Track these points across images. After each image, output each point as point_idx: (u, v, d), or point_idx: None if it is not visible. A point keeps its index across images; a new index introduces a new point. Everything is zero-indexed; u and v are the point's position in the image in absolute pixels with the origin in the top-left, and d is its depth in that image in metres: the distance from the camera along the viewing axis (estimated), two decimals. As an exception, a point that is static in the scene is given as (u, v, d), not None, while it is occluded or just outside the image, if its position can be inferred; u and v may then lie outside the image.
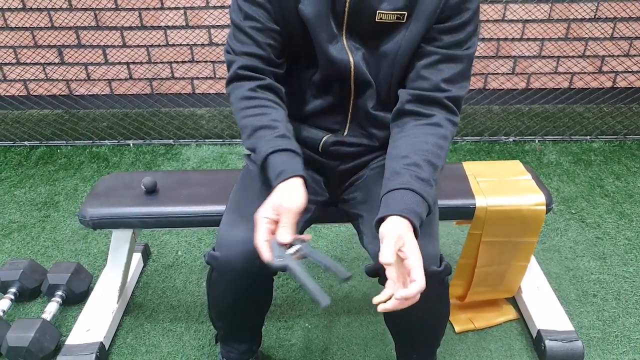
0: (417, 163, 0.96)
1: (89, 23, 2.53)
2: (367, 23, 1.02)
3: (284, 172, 0.97)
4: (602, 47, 2.57)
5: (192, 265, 1.77)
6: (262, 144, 1.00)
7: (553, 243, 1.84)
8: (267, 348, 1.46)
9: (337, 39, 1.04)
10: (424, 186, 0.94)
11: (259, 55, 1.04)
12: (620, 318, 1.53)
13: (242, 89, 1.05)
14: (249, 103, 1.04)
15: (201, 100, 2.72)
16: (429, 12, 0.99)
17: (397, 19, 1.01)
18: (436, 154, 0.99)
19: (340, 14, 1.02)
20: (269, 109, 1.04)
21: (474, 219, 1.33)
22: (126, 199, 1.35)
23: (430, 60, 1.02)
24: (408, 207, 0.91)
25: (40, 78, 2.68)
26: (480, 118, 2.64)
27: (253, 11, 1.03)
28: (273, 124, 1.02)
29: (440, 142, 1.00)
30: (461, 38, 1.01)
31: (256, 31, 1.03)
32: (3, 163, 2.40)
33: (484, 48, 2.57)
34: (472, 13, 1.00)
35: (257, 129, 1.02)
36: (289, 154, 0.99)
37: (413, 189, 0.93)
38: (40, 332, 1.39)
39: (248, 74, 1.05)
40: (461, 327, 1.50)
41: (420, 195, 0.93)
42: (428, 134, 1.00)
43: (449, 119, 1.03)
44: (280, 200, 0.94)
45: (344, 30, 1.04)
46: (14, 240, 1.91)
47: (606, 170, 2.25)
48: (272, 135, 1.00)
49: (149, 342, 1.49)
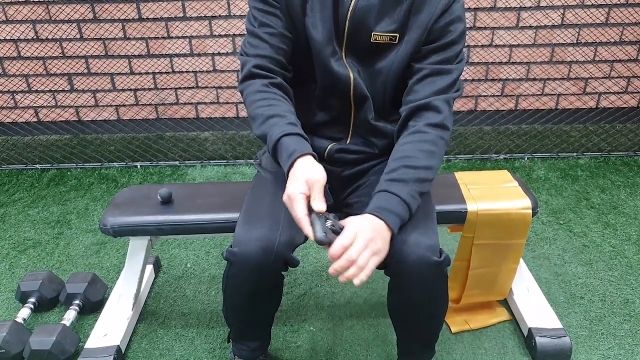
0: (393, 169, 1.09)
1: (99, 52, 2.67)
2: (364, 43, 1.15)
3: (296, 150, 1.05)
4: (584, 69, 2.73)
5: (201, 276, 1.86)
6: (274, 129, 1.08)
7: (542, 251, 1.94)
8: (275, 350, 1.55)
9: (338, 55, 1.17)
10: (397, 185, 1.07)
11: (271, 57, 1.15)
12: (605, 317, 1.63)
13: (255, 85, 1.14)
14: (262, 96, 1.12)
15: (205, 123, 2.85)
16: (417, 34, 1.12)
17: (389, 40, 1.14)
18: (415, 157, 1.09)
19: (341, 33, 1.15)
20: (279, 102, 1.13)
21: (466, 223, 1.43)
22: (144, 208, 1.46)
23: (420, 75, 1.14)
24: (379, 205, 1.05)
25: (51, 105, 2.80)
26: (471, 137, 2.77)
27: (267, 19, 1.15)
28: (283, 114, 1.10)
29: (421, 146, 1.10)
30: (449, 56, 1.13)
31: (270, 35, 1.14)
32: (16, 185, 2.50)
33: (473, 71, 2.73)
34: (457, 35, 1.13)
35: (268, 117, 1.10)
36: (299, 138, 1.08)
37: (384, 190, 1.07)
38: (61, 335, 1.48)
39: (261, 72, 1.14)
40: (457, 328, 1.59)
41: (392, 193, 1.06)
42: (407, 142, 1.12)
43: (430, 124, 1.12)
44: (308, 174, 1.02)
45: (344, 48, 1.17)
46: (29, 256, 2.00)
47: (592, 184, 2.38)
48: (284, 122, 1.09)
49: (162, 346, 1.57)
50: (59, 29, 2.61)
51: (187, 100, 2.78)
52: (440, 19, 1.11)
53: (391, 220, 1.04)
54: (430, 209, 1.18)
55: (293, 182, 1.02)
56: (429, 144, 1.11)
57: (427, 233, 1.10)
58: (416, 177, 1.08)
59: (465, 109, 2.82)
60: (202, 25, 2.60)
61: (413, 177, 1.08)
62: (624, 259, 1.89)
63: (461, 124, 2.84)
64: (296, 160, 1.04)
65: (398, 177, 1.08)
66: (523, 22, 2.61)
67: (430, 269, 1.07)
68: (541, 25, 2.61)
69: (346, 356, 1.53)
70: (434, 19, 1.10)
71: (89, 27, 2.61)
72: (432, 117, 1.12)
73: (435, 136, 1.12)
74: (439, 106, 1.12)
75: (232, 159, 2.65)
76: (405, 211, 1.06)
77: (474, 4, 2.56)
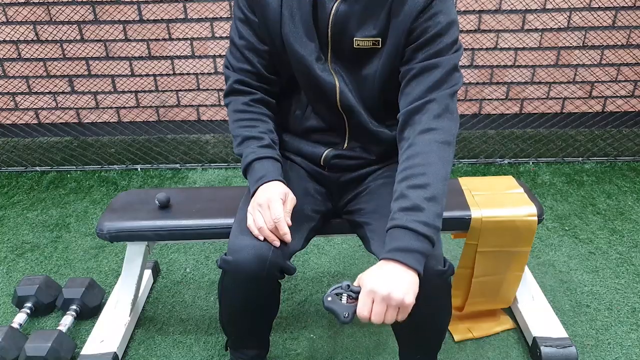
0: (402, 194, 1.01)
1: (99, 54, 2.65)
2: (347, 49, 1.12)
3: (265, 176, 1.12)
4: (591, 73, 2.70)
5: (200, 282, 1.84)
6: (247, 151, 1.16)
7: (548, 258, 1.91)
8: (274, 357, 1.52)
9: (322, 61, 1.14)
10: (410, 215, 0.98)
11: (251, 72, 1.19)
12: (612, 327, 1.60)
13: (237, 102, 1.20)
14: (242, 116, 1.19)
15: (207, 126, 2.83)
16: (398, 37, 1.08)
17: (373, 45, 1.11)
18: (418, 174, 1.01)
19: (325, 40, 1.13)
20: (257, 122, 1.19)
21: (470, 230, 1.40)
22: (141, 213, 1.43)
23: (409, 77, 1.08)
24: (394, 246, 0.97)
25: (52, 106, 2.79)
26: (475, 141, 2.74)
27: (245, 31, 1.16)
28: (260, 135, 1.17)
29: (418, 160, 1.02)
30: (435, 50, 1.06)
31: (248, 50, 1.17)
32: (15, 187, 2.48)
33: (478, 74, 2.70)
34: (441, 27, 1.05)
35: (245, 138, 1.18)
36: (269, 161, 1.15)
37: (398, 225, 0.98)
38: (56, 342, 1.45)
39: (242, 88, 1.20)
40: (460, 336, 1.55)
41: (407, 228, 0.97)
42: (404, 159, 1.05)
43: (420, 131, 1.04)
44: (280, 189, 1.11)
45: (329, 54, 1.14)
46: (27, 260, 1.97)
47: (598, 190, 2.34)
48: (257, 145, 1.16)
49: (160, 352, 1.55)
50: (59, 30, 2.59)
51: (188, 103, 2.77)
52: (419, 18, 1.05)
53: (410, 260, 0.96)
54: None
55: (264, 192, 1.10)
56: (431, 154, 1.03)
57: None
58: (427, 196, 0.99)
59: (469, 113, 2.79)
60: (204, 27, 2.58)
61: (424, 198, 0.99)
62: (631, 266, 1.85)
63: (465, 128, 2.81)
64: (263, 184, 1.12)
65: (409, 205, 0.99)
66: (528, 24, 2.58)
67: (433, 279, 1.04)
68: (547, 28, 2.58)
69: (347, 365, 1.50)
70: (412, 19, 1.06)
71: (89, 28, 2.59)
72: (422, 122, 1.05)
73: (433, 143, 1.04)
74: (428, 107, 1.05)
75: (233, 162, 2.63)
76: (425, 244, 0.98)
77: (478, 6, 2.53)
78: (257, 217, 1.10)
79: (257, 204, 1.11)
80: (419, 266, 0.97)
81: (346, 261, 1.92)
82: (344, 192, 1.30)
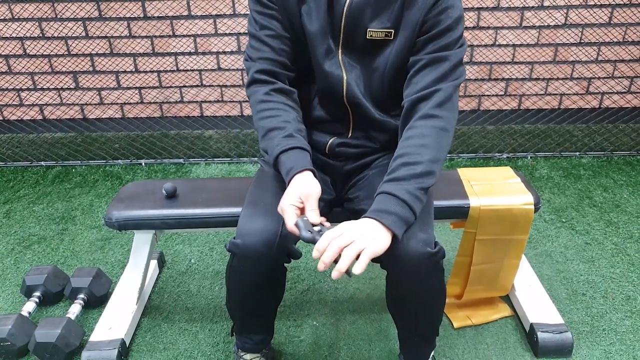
0: (393, 169, 1.08)
1: (104, 50, 2.69)
2: (360, 40, 1.16)
3: (293, 168, 1.11)
4: (588, 69, 2.74)
5: (205, 272, 1.88)
6: (272, 145, 1.14)
7: (545, 248, 1.95)
8: (278, 344, 1.56)
9: (333, 54, 1.18)
10: (395, 185, 1.05)
11: (274, 59, 1.18)
12: (607, 314, 1.64)
13: (258, 93, 1.19)
14: (264, 106, 1.18)
15: (210, 121, 2.86)
16: (411, 29, 1.12)
17: (385, 36, 1.15)
18: (411, 154, 1.07)
19: (337, 31, 1.16)
20: (280, 112, 1.17)
21: (469, 219, 1.44)
22: (149, 202, 1.47)
23: (418, 67, 1.13)
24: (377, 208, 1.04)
25: (56, 102, 2.82)
26: (474, 137, 2.78)
27: (267, 22, 1.17)
28: (282, 125, 1.15)
29: (414, 141, 1.08)
30: (445, 43, 1.11)
31: (271, 38, 1.17)
32: (21, 182, 2.52)
33: (477, 71, 2.73)
34: (452, 21, 1.11)
35: (268, 130, 1.16)
36: (296, 151, 1.13)
37: (383, 191, 1.06)
38: (66, 329, 1.49)
39: (264, 77, 1.18)
40: (459, 323, 1.59)
41: (390, 194, 1.05)
42: (405, 138, 1.11)
43: (420, 116, 1.10)
44: (301, 189, 1.08)
45: (340, 45, 1.18)
46: (34, 251, 2.01)
47: (594, 183, 2.38)
48: (281, 135, 1.14)
49: (166, 340, 1.59)
50: (64, 27, 2.63)
51: (191, 99, 2.80)
52: (432, 10, 1.10)
53: (388, 220, 1.02)
54: (427, 203, 1.18)
55: (286, 195, 1.09)
56: (428, 137, 1.09)
57: (421, 226, 1.10)
58: (415, 173, 1.06)
59: (468, 108, 2.82)
60: (207, 24, 2.62)
61: (412, 174, 1.06)
62: (626, 256, 1.89)
63: (464, 123, 2.85)
64: (293, 177, 1.10)
65: (396, 176, 1.07)
66: (526, 21, 2.62)
67: (424, 261, 1.08)
68: (545, 25, 2.62)
69: (349, 351, 1.54)
70: (425, 11, 1.10)
71: (94, 25, 2.63)
72: (424, 109, 1.10)
73: (431, 128, 1.09)
74: (432, 96, 1.10)
75: (236, 157, 2.66)
76: (405, 210, 1.04)
77: (477, 4, 2.57)
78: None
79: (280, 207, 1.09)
80: (395, 228, 1.03)
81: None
82: (347, 180, 1.34)
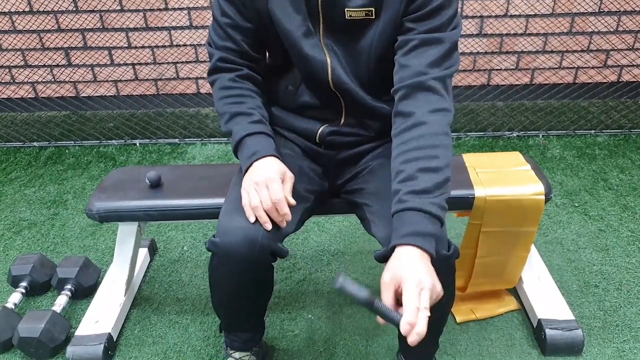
0: (411, 175, 0.95)
1: (95, 25, 2.57)
2: (339, 21, 1.04)
3: (258, 151, 1.06)
4: (606, 40, 2.57)
5: (198, 260, 1.80)
6: (237, 128, 1.09)
7: (555, 236, 1.85)
8: (271, 339, 1.49)
9: (312, 35, 1.07)
10: (423, 198, 0.93)
11: (234, 50, 1.12)
12: (621, 308, 1.54)
13: (222, 79, 1.13)
14: (228, 92, 1.12)
15: (206, 99, 2.76)
16: (395, 7, 1.00)
17: (366, 15, 1.02)
18: (429, 157, 0.96)
19: (315, 12, 1.05)
20: (246, 98, 1.12)
21: (473, 209, 1.34)
22: (132, 192, 1.39)
23: (408, 48, 1.01)
24: (410, 230, 0.91)
25: (48, 80, 2.72)
26: (483, 114, 2.64)
27: (228, 8, 1.08)
28: (249, 111, 1.11)
29: (430, 140, 0.97)
30: (438, 24, 0.99)
31: (230, 28, 1.10)
32: (13, 163, 2.44)
33: (487, 44, 2.58)
34: None
35: (234, 115, 1.11)
36: (263, 137, 1.08)
37: (411, 207, 0.93)
38: (50, 323, 1.43)
39: (226, 65, 1.13)
40: (462, 318, 1.51)
41: (421, 211, 0.92)
42: (414, 138, 0.98)
43: (435, 109, 0.99)
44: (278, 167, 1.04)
45: (321, 28, 1.06)
46: (24, 237, 1.95)
47: (610, 164, 2.25)
48: (247, 121, 1.09)
49: (155, 333, 1.52)
50: (52, 1, 2.51)
51: (186, 75, 2.69)
52: None
53: (426, 244, 0.91)
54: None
55: (261, 169, 1.04)
56: (433, 136, 0.97)
57: None
58: (439, 182, 0.95)
59: (477, 84, 2.68)
60: (201, -4, 2.49)
61: (435, 184, 0.94)
62: (643, 244, 1.79)
63: (473, 100, 2.71)
64: (257, 160, 1.06)
65: (420, 188, 0.93)
66: (541, -10, 2.45)
67: (438, 262, 0.98)
68: (560, -7, 2.45)
69: (345, 346, 1.46)
70: None
71: (83, -2, 2.50)
72: (433, 101, 0.99)
73: (438, 123, 0.98)
74: (435, 86, 0.99)
75: (234, 137, 2.56)
76: (437, 227, 0.94)
77: (488, -29, 2.40)
78: (252, 195, 1.03)
79: (254, 182, 1.04)
80: (433, 250, 0.93)
81: (347, 239, 1.87)
82: (340, 170, 1.24)
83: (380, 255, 1.03)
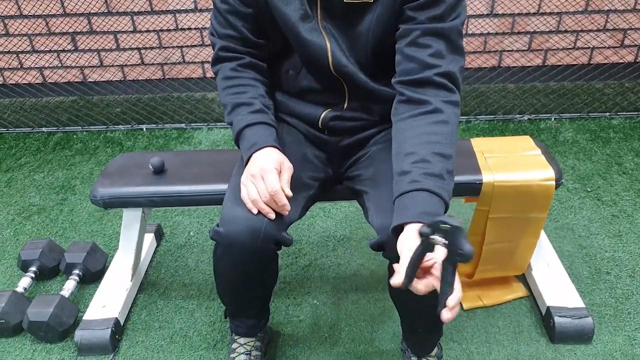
0: (425, 158, 0.93)
1: (100, 9, 2.55)
2: (338, 4, 1.02)
3: (256, 143, 1.05)
4: (623, 19, 2.49)
5: (204, 245, 1.80)
6: (237, 119, 1.09)
7: (567, 221, 1.81)
8: (276, 324, 1.49)
9: (310, 19, 1.04)
10: (437, 182, 0.92)
11: (236, 37, 1.11)
12: (634, 295, 1.51)
13: (224, 69, 1.13)
14: (230, 82, 1.12)
15: (211, 83, 2.74)
16: None
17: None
18: (444, 143, 0.95)
19: None
20: (247, 87, 1.12)
21: (481, 195, 1.31)
22: (136, 178, 1.38)
23: (412, 38, 0.98)
24: (424, 210, 0.89)
25: (55, 65, 2.72)
26: (494, 96, 2.59)
27: None
28: (249, 101, 1.10)
29: (445, 128, 0.96)
30: (440, 12, 0.96)
31: (230, 14, 1.08)
32: (23, 149, 2.45)
33: (498, 24, 2.52)
34: None
35: (235, 106, 1.10)
36: (262, 127, 1.07)
37: (427, 189, 0.91)
38: (59, 307, 1.44)
39: (228, 55, 1.13)
40: (469, 304, 1.49)
41: (436, 194, 0.91)
42: (429, 123, 0.97)
43: (446, 101, 0.98)
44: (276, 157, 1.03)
45: (319, 11, 1.04)
46: (34, 222, 1.96)
47: (625, 148, 2.20)
48: (247, 111, 1.09)
49: (162, 318, 1.53)
50: (57, -15, 2.49)
51: (192, 59, 2.66)
52: None
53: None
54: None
55: (257, 161, 1.02)
56: (446, 125, 0.96)
57: None
58: (449, 169, 0.95)
59: (487, 66, 2.62)
60: (206, -22, 2.45)
61: (447, 170, 0.94)
62: (657, 230, 1.75)
63: (483, 82, 2.66)
64: (256, 152, 1.05)
65: (434, 171, 0.92)
66: (555, -33, 2.37)
67: None
68: (576, -30, 2.37)
69: (350, 332, 1.46)
70: None
71: (87, -19, 2.48)
72: (442, 95, 0.98)
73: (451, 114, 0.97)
74: (443, 82, 0.98)
75: (241, 121, 2.54)
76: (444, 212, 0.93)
77: (500, -52, 2.33)
78: (250, 188, 1.02)
79: (250, 174, 1.03)
80: None
81: (353, 225, 1.85)
82: (345, 157, 1.22)
83: (375, 243, 1.01)
